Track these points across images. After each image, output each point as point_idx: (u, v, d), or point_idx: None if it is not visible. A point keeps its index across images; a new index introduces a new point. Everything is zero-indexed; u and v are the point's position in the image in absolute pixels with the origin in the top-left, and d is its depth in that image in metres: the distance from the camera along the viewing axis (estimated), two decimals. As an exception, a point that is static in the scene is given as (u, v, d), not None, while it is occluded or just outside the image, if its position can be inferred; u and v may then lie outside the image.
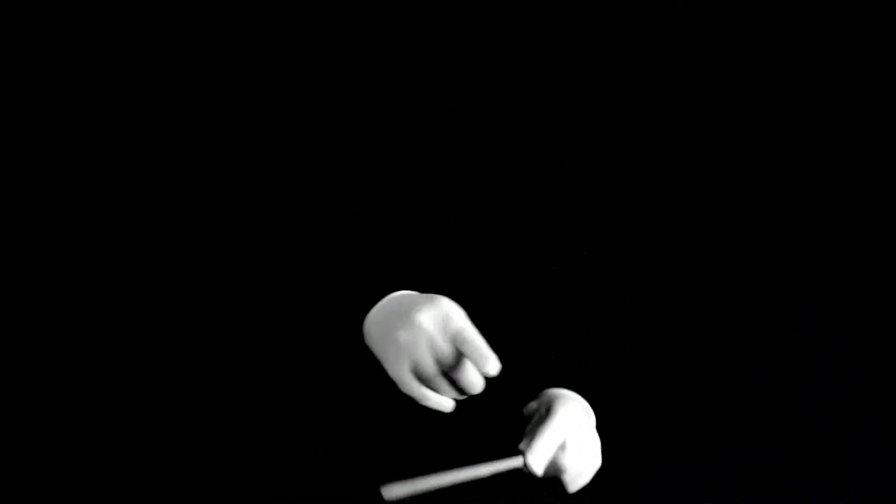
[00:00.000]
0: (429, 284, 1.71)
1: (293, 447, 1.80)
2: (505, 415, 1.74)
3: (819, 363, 1.88)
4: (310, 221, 1.81)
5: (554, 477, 1.70)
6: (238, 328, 1.77)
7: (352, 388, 1.78)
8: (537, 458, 1.66)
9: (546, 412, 1.69)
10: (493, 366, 1.58)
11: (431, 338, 1.61)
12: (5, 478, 1.81)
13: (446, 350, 1.60)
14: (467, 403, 1.67)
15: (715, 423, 1.86)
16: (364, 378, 1.72)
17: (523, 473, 1.67)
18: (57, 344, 1.81)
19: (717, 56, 1.89)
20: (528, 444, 1.67)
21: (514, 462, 1.66)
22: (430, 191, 1.83)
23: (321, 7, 1.85)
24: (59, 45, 1.85)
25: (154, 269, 1.80)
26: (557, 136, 1.85)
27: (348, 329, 1.71)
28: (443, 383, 1.61)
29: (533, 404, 1.73)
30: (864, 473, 1.87)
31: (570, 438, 1.68)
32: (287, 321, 1.75)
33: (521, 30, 1.85)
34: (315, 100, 1.84)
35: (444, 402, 1.63)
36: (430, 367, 1.60)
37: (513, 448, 1.68)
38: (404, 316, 1.63)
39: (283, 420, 1.80)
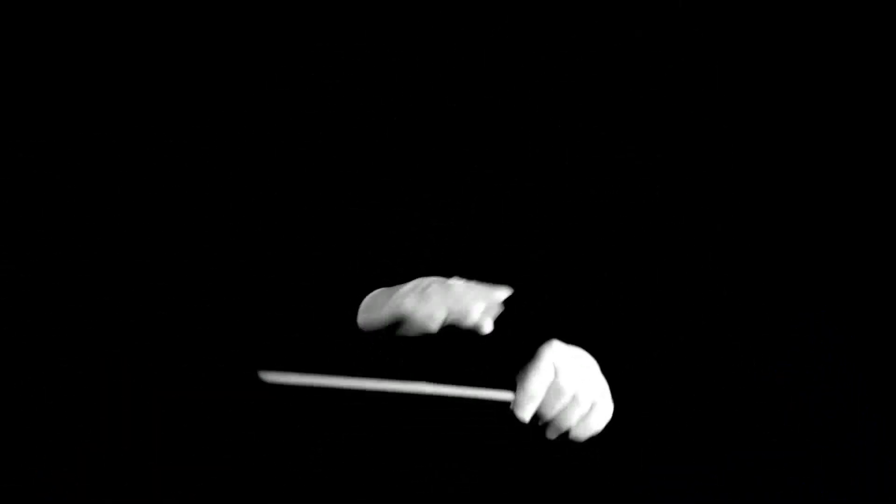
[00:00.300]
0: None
1: (293, 447, 1.80)
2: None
3: (819, 363, 1.88)
4: (310, 222, 1.81)
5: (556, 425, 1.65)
6: (237, 328, 1.77)
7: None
8: (522, 399, 1.63)
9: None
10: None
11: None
12: (5, 478, 1.81)
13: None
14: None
15: (715, 423, 1.86)
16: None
17: (517, 423, 1.64)
18: (57, 344, 1.81)
19: (717, 56, 1.89)
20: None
21: (493, 394, 1.63)
22: (430, 191, 1.83)
23: (321, 7, 1.85)
24: (59, 45, 1.85)
25: (154, 269, 1.80)
26: (557, 136, 1.85)
27: (347, 329, 1.71)
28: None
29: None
30: (864, 473, 1.87)
31: (563, 367, 1.64)
32: (287, 322, 1.75)
33: (521, 30, 1.85)
34: (315, 100, 1.84)
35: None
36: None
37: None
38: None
39: (283, 420, 1.80)
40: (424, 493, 1.79)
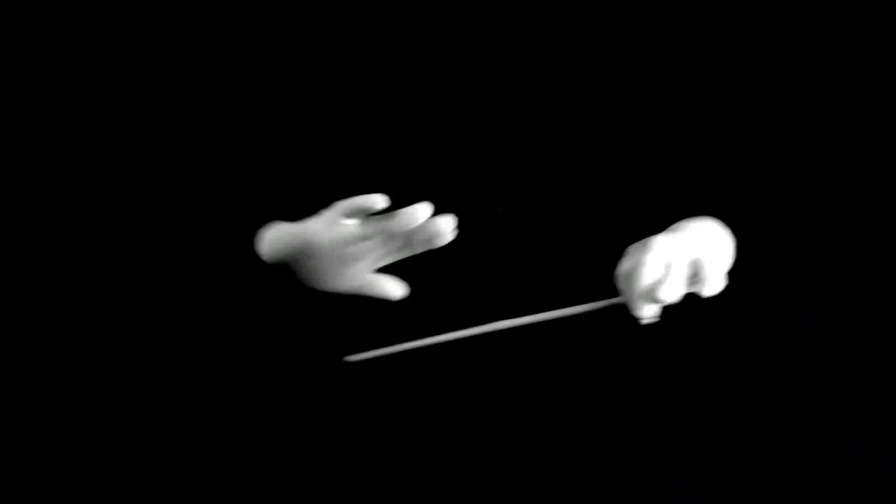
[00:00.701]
0: (428, 284, 1.71)
1: (293, 447, 1.80)
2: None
3: (819, 363, 1.88)
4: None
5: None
6: (238, 328, 1.77)
7: (351, 387, 1.78)
8: (640, 288, 1.58)
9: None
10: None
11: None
12: (5, 478, 1.81)
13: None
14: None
15: (715, 423, 1.86)
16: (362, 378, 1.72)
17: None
18: (57, 344, 1.81)
19: (717, 56, 1.89)
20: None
21: (597, 304, 1.60)
22: (430, 190, 1.83)
23: (321, 7, 1.85)
24: (59, 45, 1.85)
25: (154, 269, 1.80)
26: (557, 136, 1.85)
27: (348, 329, 1.71)
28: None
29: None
30: (864, 473, 1.87)
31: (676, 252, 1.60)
32: (287, 321, 1.75)
33: (521, 30, 1.85)
34: (315, 100, 1.84)
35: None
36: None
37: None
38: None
39: (283, 420, 1.80)
40: (424, 493, 1.79)
